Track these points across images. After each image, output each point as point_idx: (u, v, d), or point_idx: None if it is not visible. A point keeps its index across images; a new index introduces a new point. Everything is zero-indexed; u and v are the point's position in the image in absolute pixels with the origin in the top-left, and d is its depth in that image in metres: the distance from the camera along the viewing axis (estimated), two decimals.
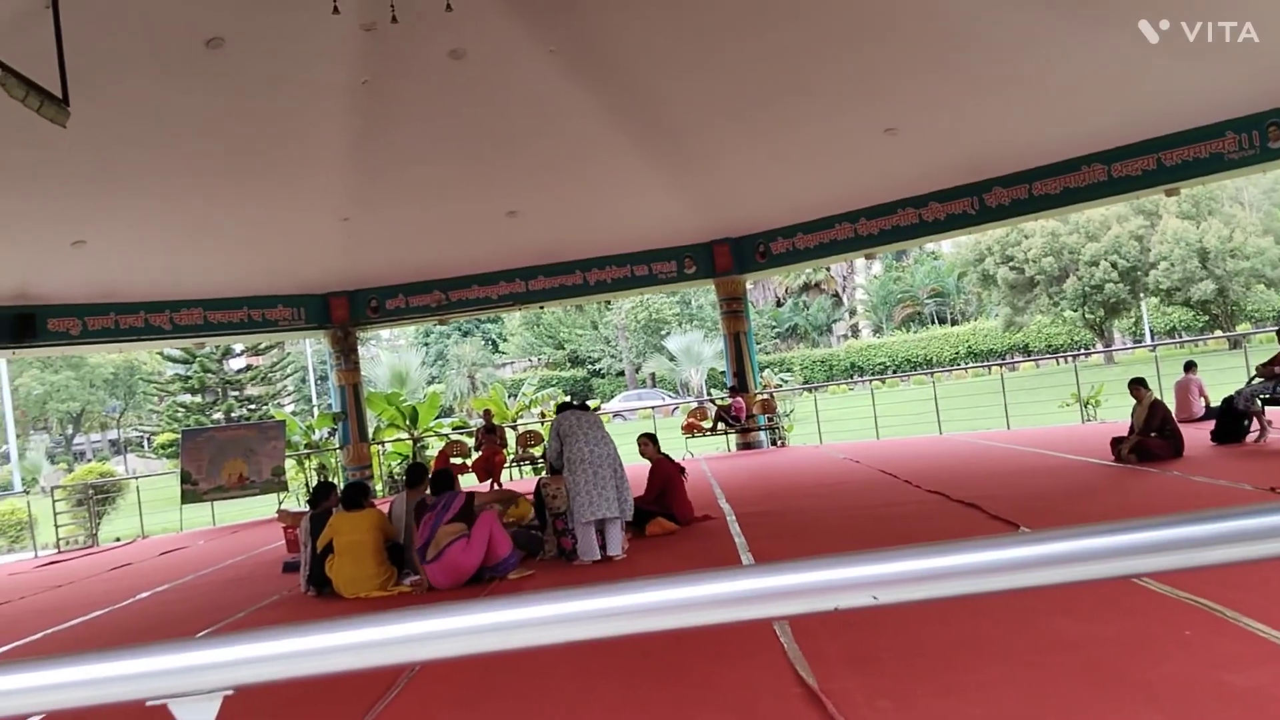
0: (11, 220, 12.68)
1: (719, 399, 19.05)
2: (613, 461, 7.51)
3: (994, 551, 1.09)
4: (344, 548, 7.39)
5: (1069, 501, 7.97)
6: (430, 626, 1.13)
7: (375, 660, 1.14)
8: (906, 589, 1.10)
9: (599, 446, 7.49)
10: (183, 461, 16.72)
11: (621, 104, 12.77)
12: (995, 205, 15.04)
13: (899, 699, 3.71)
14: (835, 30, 11.14)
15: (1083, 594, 4.86)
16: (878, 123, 13.27)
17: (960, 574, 1.09)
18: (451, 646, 1.13)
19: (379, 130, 12.51)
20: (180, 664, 1.13)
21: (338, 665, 1.13)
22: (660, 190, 15.31)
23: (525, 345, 58.28)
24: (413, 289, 18.17)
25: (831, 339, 55.94)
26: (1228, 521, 1.11)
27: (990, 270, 38.08)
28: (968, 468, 11.11)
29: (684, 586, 1.10)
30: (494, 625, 1.12)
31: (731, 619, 1.09)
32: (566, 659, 4.79)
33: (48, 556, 15.13)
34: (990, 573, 1.09)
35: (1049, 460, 10.84)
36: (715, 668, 4.42)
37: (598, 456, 7.43)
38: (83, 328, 15.76)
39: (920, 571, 1.10)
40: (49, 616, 8.40)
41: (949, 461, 11.95)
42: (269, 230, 14.97)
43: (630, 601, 1.10)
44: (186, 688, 1.12)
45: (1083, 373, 16.53)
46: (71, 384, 55.76)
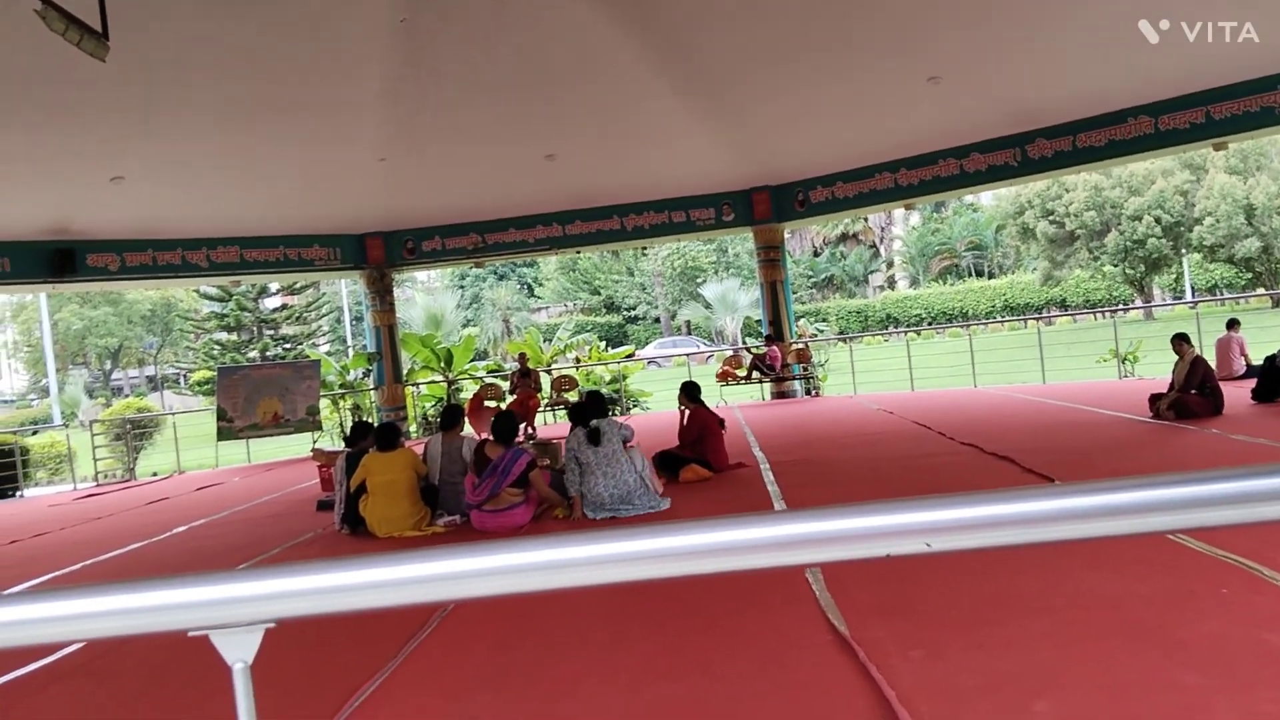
0: (52, 155, 12.73)
1: (754, 347, 18.98)
2: (636, 486, 7.37)
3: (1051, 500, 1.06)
4: (378, 487, 7.44)
5: (1105, 457, 7.89)
6: (470, 565, 1.11)
7: (417, 597, 1.12)
8: (961, 537, 1.06)
9: (617, 481, 7.32)
10: (218, 399, 16.89)
11: (663, 48, 12.59)
12: (1038, 157, 14.79)
13: (931, 649, 3.69)
14: None
15: (1119, 550, 4.81)
16: (921, 71, 13.02)
17: (1016, 523, 1.05)
18: (491, 585, 1.11)
19: (418, 70, 12.40)
20: (223, 595, 1.12)
21: (380, 601, 1.11)
22: (700, 136, 15.14)
23: (561, 290, 58.25)
24: (449, 231, 18.14)
25: (868, 290, 55.50)
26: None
27: (1030, 223, 37.49)
28: (1002, 421, 11.02)
29: (734, 529, 1.07)
30: (535, 565, 1.10)
31: (781, 563, 1.06)
32: (598, 604, 4.81)
33: (86, 489, 15.38)
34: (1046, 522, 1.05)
35: (1085, 415, 10.72)
36: (746, 615, 4.42)
37: (616, 492, 7.30)
38: (121, 263, 15.89)
39: (975, 519, 1.06)
40: (88, 548, 8.54)
41: (983, 414, 11.86)
42: (306, 169, 14.95)
43: (678, 543, 1.07)
44: (229, 619, 1.10)
45: (1121, 329, 16.32)
46: (110, 320, 56.43)
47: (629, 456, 7.37)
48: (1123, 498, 1.06)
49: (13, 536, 10.01)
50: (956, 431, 9.94)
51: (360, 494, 7.61)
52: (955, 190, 17.51)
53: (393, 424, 8.06)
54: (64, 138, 12.22)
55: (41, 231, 14.88)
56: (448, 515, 7.72)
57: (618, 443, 7.35)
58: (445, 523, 7.61)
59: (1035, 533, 1.06)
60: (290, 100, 12.60)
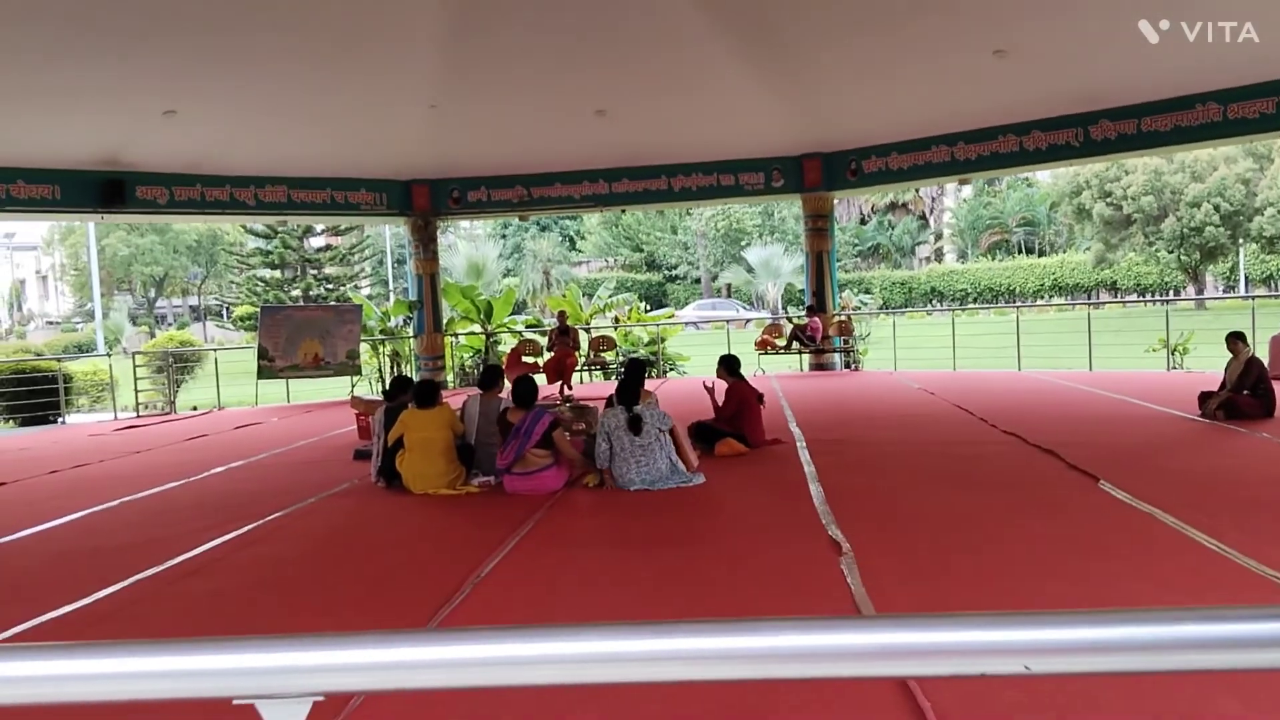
0: (106, 86, 12.76)
1: (796, 317, 18.82)
2: (666, 472, 7.24)
3: (1168, 627, 0.96)
4: (415, 444, 7.44)
5: (1152, 456, 7.73)
6: (529, 650, 1.03)
7: (472, 680, 1.04)
8: (1063, 660, 0.97)
9: (649, 468, 7.19)
10: (260, 337, 16.98)
11: (723, 7, 12.37)
12: (1100, 139, 14.47)
13: None
14: None
15: (1164, 563, 4.72)
16: (987, 44, 12.73)
17: (1125, 649, 0.95)
18: (550, 674, 1.03)
19: (475, 17, 12.27)
20: (274, 664, 1.05)
21: (435, 681, 1.04)
22: (755, 99, 14.91)
23: (603, 245, 58.09)
24: (495, 183, 18.05)
25: (914, 261, 54.93)
26: None
27: (1086, 204, 36.81)
28: (1046, 410, 10.84)
29: (817, 633, 0.98)
30: (596, 656, 1.01)
31: (865, 674, 0.98)
32: (629, 586, 4.78)
33: (127, 420, 15.56)
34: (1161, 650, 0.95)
35: (1132, 409, 10.54)
36: (780, 607, 4.36)
37: (647, 476, 7.18)
38: (170, 197, 15.96)
39: (1079, 643, 0.96)
40: (126, 484, 8.61)
41: (1027, 401, 11.68)
42: (357, 113, 14.89)
43: (755, 644, 0.99)
44: (278, 689, 1.04)
45: (1172, 317, 15.98)
46: (156, 248, 56.97)
47: (662, 442, 7.29)
48: (1255, 629, 0.96)
49: (53, 466, 10.13)
50: (999, 418, 9.79)
51: (397, 449, 7.62)
52: (1014, 168, 17.24)
53: (432, 381, 8.05)
54: (119, 69, 12.23)
55: (92, 162, 14.95)
56: (482, 476, 7.71)
57: (655, 432, 7.25)
58: (480, 483, 7.59)
59: (1147, 660, 0.97)
60: (346, 41, 12.52)
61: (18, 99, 12.79)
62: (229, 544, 6.07)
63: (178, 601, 4.93)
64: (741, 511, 6.52)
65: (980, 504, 6.23)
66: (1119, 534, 5.35)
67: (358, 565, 5.60)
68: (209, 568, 5.56)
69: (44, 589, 5.22)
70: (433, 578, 5.06)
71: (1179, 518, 5.42)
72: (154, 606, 4.86)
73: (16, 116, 13.35)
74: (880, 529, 5.64)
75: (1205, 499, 6.02)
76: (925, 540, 5.38)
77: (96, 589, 5.07)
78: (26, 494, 8.56)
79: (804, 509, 6.25)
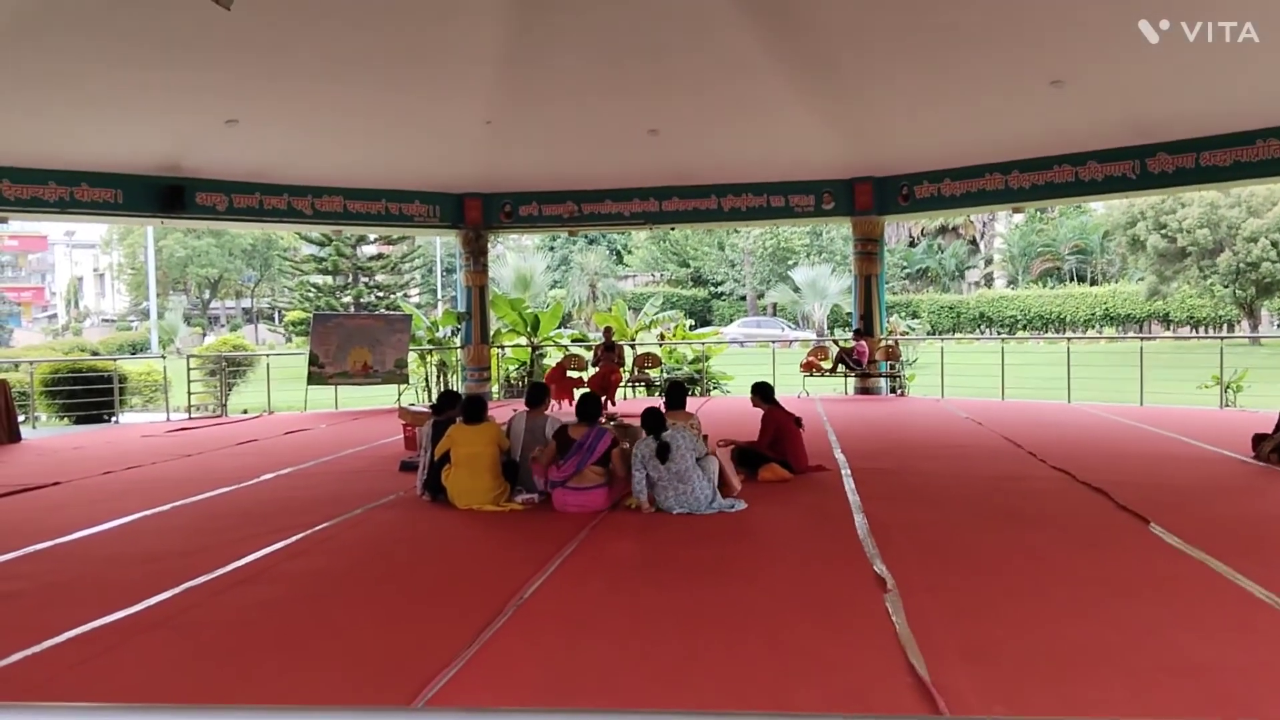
0: (170, 93, 13.03)
1: (842, 340, 18.75)
2: (706, 500, 7.21)
3: None
4: (461, 459, 7.51)
5: (1204, 500, 7.62)
6: None
7: None
8: None
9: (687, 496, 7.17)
10: (312, 344, 17.20)
11: (780, 29, 12.41)
12: (1158, 171, 14.31)
13: (1014, 704, 3.59)
14: None
15: (1213, 613, 4.67)
16: (1044, 73, 12.67)
17: None
18: None
19: (532, 38, 12.42)
20: None
21: None
22: (808, 122, 14.93)
23: (649, 259, 58.19)
24: (547, 198, 18.19)
25: (963, 285, 54.47)
26: None
27: (1141, 235, 36.37)
28: (1096, 445, 10.71)
29: None
30: None
31: None
32: (671, 616, 4.79)
33: (179, 422, 15.80)
34: None
35: (1183, 448, 10.39)
36: (824, 643, 4.35)
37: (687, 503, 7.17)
38: (229, 204, 16.25)
39: None
40: (178, 487, 8.75)
41: (1076, 435, 11.55)
42: (414, 127, 15.09)
43: None
44: None
45: (1226, 353, 15.73)
46: (212, 250, 57.90)
47: (701, 468, 7.29)
48: None
49: (107, 467, 10.32)
50: (1048, 453, 9.70)
51: (444, 463, 7.69)
52: (1068, 198, 17.09)
53: (480, 396, 8.13)
54: (183, 76, 12.49)
55: (154, 167, 15.26)
56: (527, 493, 7.77)
57: (689, 458, 7.23)
58: (524, 500, 7.65)
59: None
60: (405, 58, 12.72)
61: (85, 105, 13.10)
62: (277, 554, 6.17)
63: (226, 611, 5.01)
64: (784, 541, 6.51)
65: (1028, 542, 6.18)
66: (1167, 579, 5.29)
67: (402, 580, 5.66)
68: (257, 577, 5.65)
69: (97, 593, 5.33)
70: (476, 596, 5.10)
71: (1230, 565, 5.35)
72: (203, 615, 4.94)
73: (83, 122, 13.68)
74: (925, 564, 5.62)
75: (1258, 546, 5.94)
76: (971, 577, 5.35)
77: (148, 595, 5.17)
78: (81, 494, 8.73)
79: (847, 540, 6.24)
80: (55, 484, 9.26)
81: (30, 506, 8.22)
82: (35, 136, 13.89)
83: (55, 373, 17.44)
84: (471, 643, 4.31)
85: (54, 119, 13.48)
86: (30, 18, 10.60)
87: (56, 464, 10.76)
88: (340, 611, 5.02)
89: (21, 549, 6.43)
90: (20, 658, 4.26)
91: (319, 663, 4.24)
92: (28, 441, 13.26)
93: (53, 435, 14.61)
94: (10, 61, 11.52)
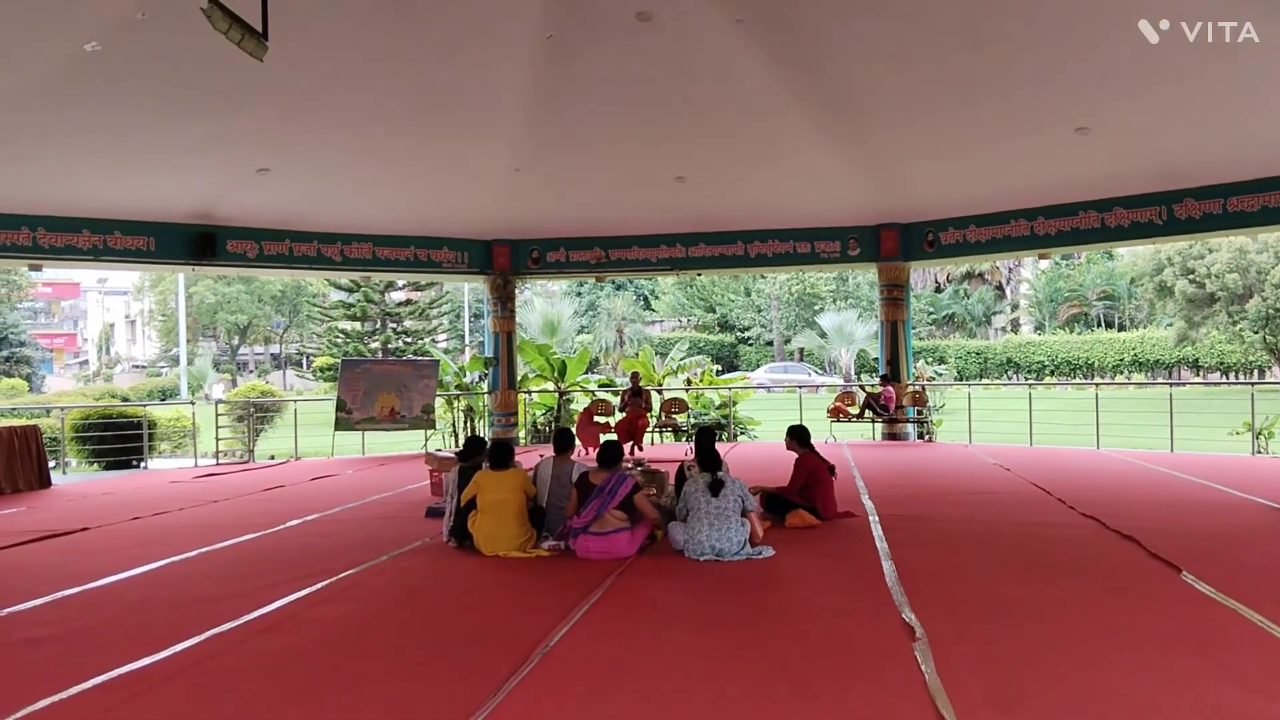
0: (203, 144, 13.26)
1: (869, 385, 18.68)
2: (736, 548, 7.19)
3: None
4: (487, 506, 7.51)
5: (1236, 548, 7.48)
6: None
7: None
8: None
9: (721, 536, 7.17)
10: (340, 390, 17.29)
11: (804, 80, 12.49)
12: (1185, 217, 14.28)
13: None
14: (1037, 26, 10.60)
15: (1248, 663, 4.58)
16: (1069, 120, 12.71)
17: None
18: None
19: (559, 86, 12.56)
20: None
21: None
22: (834, 168, 15.00)
23: (676, 305, 58.31)
24: (574, 244, 18.32)
25: (989, 331, 54.19)
26: None
27: (1168, 281, 36.07)
28: (1127, 492, 10.58)
29: None
30: None
31: None
32: (698, 664, 4.75)
33: (207, 468, 15.89)
34: None
35: (1214, 495, 10.24)
36: (852, 689, 4.30)
37: (718, 545, 7.16)
38: (259, 251, 16.45)
39: None
40: (204, 534, 8.79)
41: (1106, 482, 11.42)
42: (443, 175, 15.26)
43: None
44: None
45: (1257, 399, 15.55)
46: (242, 296, 58.46)
47: (741, 522, 7.27)
48: None
49: (135, 513, 10.38)
50: (1077, 500, 9.59)
51: (470, 509, 7.69)
52: (1095, 244, 17.01)
53: (506, 442, 8.11)
54: (215, 127, 12.72)
55: (186, 215, 15.50)
56: (552, 539, 7.74)
57: (735, 505, 7.24)
58: (549, 546, 7.62)
59: None
60: (433, 108, 12.90)
61: (118, 154, 13.35)
62: (303, 600, 6.16)
63: (252, 658, 5.00)
64: (812, 589, 6.45)
65: (1058, 590, 6.09)
66: (1201, 629, 5.20)
67: (428, 628, 5.64)
68: (283, 624, 5.64)
69: (123, 639, 5.33)
70: (502, 644, 5.07)
71: (1264, 614, 5.26)
72: (229, 663, 4.93)
73: (116, 171, 13.92)
74: (955, 612, 5.54)
75: None
76: (1001, 627, 5.27)
77: (174, 642, 5.17)
78: (110, 540, 8.77)
79: (876, 588, 6.17)
80: (84, 529, 9.32)
81: (59, 551, 8.26)
82: (70, 186, 14.15)
83: (86, 419, 17.61)
84: (496, 692, 4.28)
85: (88, 169, 13.73)
86: (66, 72, 10.82)
87: (86, 509, 10.83)
88: (365, 660, 5.00)
89: (50, 595, 6.46)
90: (48, 704, 4.28)
91: (344, 713, 4.22)
92: (58, 487, 13.37)
93: (82, 481, 14.71)
94: (46, 114, 11.76)
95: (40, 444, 13.38)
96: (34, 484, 13.04)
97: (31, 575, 7.16)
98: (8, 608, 6.12)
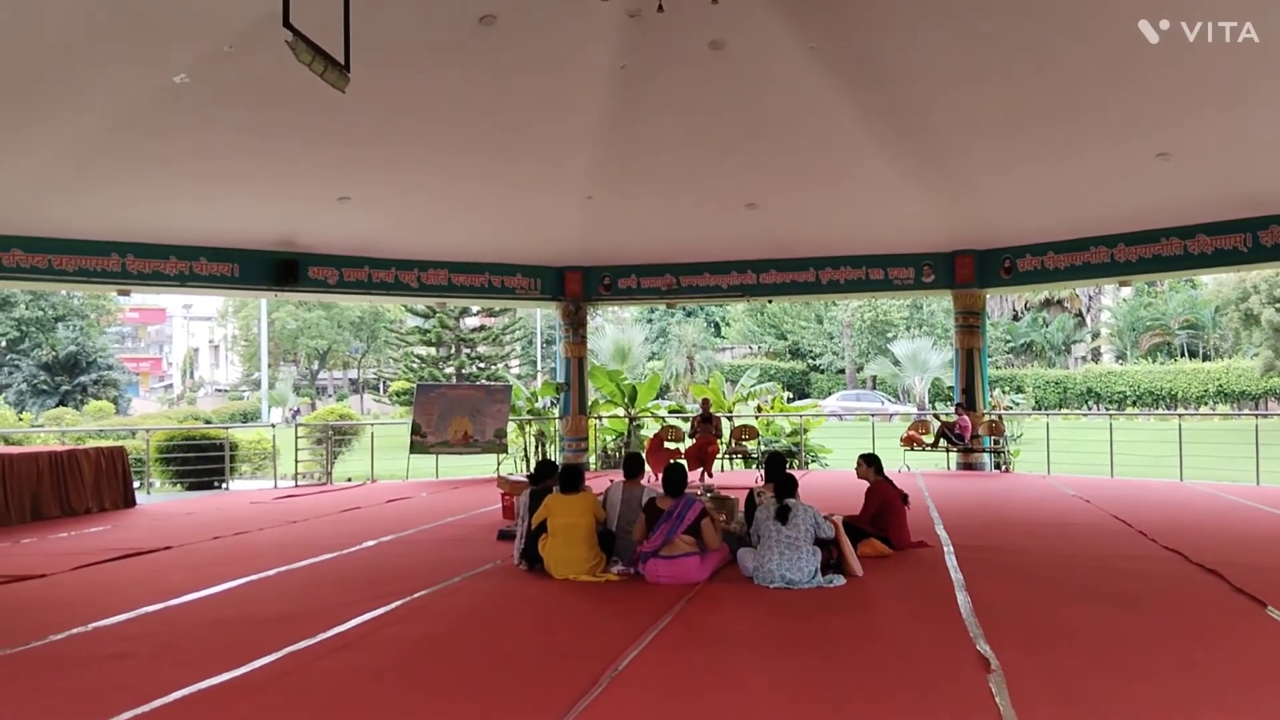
0: (286, 173, 13.62)
1: (944, 414, 18.44)
2: (807, 578, 7.12)
3: None
4: (557, 529, 7.56)
5: None
6: None
7: None
8: None
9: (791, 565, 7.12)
10: (415, 414, 17.54)
11: (878, 105, 12.47)
12: (1271, 244, 13.90)
13: None
14: (1119, 51, 10.44)
15: None
16: (1151, 146, 12.49)
17: None
18: None
19: (632, 114, 12.70)
20: None
21: None
22: (907, 195, 14.90)
23: (747, 332, 58.13)
24: (646, 270, 18.39)
25: (1069, 360, 53.15)
26: None
27: (1254, 309, 35.17)
28: (1210, 525, 10.31)
29: None
30: None
31: None
32: (769, 692, 4.73)
33: (286, 489, 16.18)
34: None
35: None
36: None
37: (788, 575, 7.11)
38: (339, 278, 16.77)
39: None
40: (283, 553, 8.96)
41: (1188, 515, 11.13)
42: (517, 202, 15.44)
43: None
44: None
45: None
46: (322, 322, 59.59)
47: (813, 550, 7.22)
48: None
49: (216, 532, 10.61)
50: (1159, 533, 9.36)
51: (540, 532, 7.74)
52: (1177, 271, 16.66)
53: (577, 466, 8.18)
54: (298, 156, 13.04)
55: (269, 242, 15.87)
56: (621, 564, 7.76)
57: (806, 533, 7.20)
58: (619, 571, 7.64)
59: None
60: (509, 137, 13.10)
61: (205, 182, 13.73)
62: (377, 620, 6.25)
63: (327, 676, 5.09)
64: (884, 617, 6.38)
65: (1138, 624, 5.95)
66: None
67: (498, 649, 5.68)
68: (358, 643, 5.73)
69: (203, 655, 5.46)
70: (570, 668, 5.10)
71: None
72: (305, 679, 5.02)
73: (203, 199, 14.31)
74: (1030, 645, 5.44)
75: None
76: (1078, 660, 5.16)
77: (251, 659, 5.28)
78: (191, 559, 8.98)
79: (950, 619, 6.09)
80: (166, 548, 9.55)
81: (142, 570, 8.48)
82: (158, 214, 14.56)
83: (170, 440, 18.08)
84: (565, 714, 4.31)
85: (176, 198, 14.13)
86: (156, 103, 11.19)
87: (168, 529, 11.10)
88: (437, 679, 5.06)
89: (133, 610, 6.64)
90: (129, 716, 4.39)
91: None
92: (142, 506, 13.71)
93: (166, 500, 15.09)
94: (136, 144, 12.15)
95: (126, 464, 13.74)
96: (119, 504, 13.39)
97: (117, 592, 7.37)
98: (95, 622, 6.30)
